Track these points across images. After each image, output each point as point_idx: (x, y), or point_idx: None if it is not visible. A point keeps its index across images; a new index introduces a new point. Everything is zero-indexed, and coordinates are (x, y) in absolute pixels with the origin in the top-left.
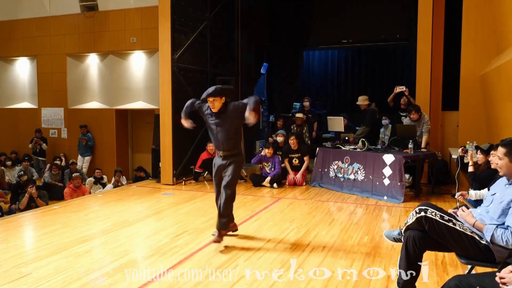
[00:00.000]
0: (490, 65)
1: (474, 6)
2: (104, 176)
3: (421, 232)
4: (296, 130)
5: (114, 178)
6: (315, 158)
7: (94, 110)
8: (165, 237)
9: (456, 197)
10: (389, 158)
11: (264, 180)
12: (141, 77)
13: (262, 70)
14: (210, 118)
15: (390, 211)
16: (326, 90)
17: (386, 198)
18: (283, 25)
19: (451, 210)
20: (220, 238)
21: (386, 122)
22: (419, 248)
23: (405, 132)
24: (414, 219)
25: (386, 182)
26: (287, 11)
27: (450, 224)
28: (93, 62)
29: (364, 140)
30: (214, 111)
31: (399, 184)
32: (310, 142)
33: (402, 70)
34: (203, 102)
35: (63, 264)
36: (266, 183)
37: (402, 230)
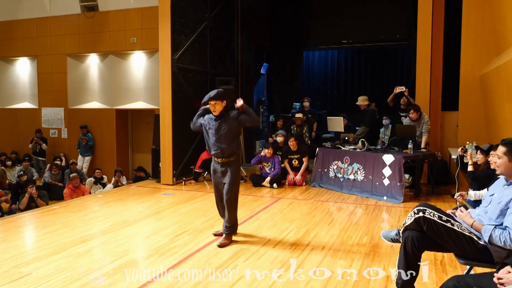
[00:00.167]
0: (489, 65)
1: (474, 7)
2: (104, 176)
3: (419, 232)
4: (296, 130)
5: (114, 178)
6: (315, 159)
7: (94, 110)
8: (165, 237)
9: (455, 197)
10: (388, 158)
11: (264, 180)
12: (141, 77)
13: (262, 70)
14: (211, 123)
15: (390, 211)
16: (326, 90)
17: (385, 198)
18: (283, 25)
19: (450, 211)
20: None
21: (387, 122)
22: (418, 248)
23: (404, 132)
24: (412, 220)
25: (386, 182)
26: (287, 11)
27: (448, 224)
28: (93, 62)
29: (364, 140)
30: (215, 114)
31: (399, 184)
32: (310, 142)
33: (402, 70)
34: (205, 105)
35: (63, 264)
36: (266, 183)
37: (401, 230)
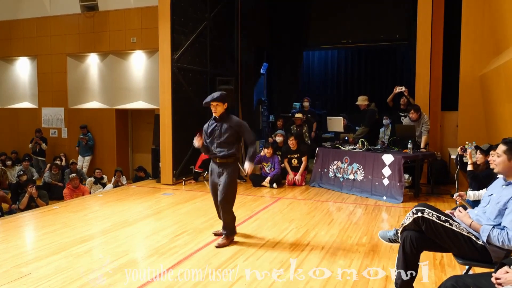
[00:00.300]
0: (489, 65)
1: (474, 7)
2: (104, 176)
3: (418, 232)
4: (296, 130)
5: (114, 178)
6: (315, 158)
7: (94, 110)
8: (164, 237)
9: (454, 197)
10: (388, 158)
11: (263, 180)
12: (141, 77)
13: (262, 70)
14: (211, 126)
15: (389, 211)
16: (326, 90)
17: (385, 198)
18: (283, 25)
19: (449, 211)
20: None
21: (387, 122)
22: (416, 248)
23: (404, 132)
24: (411, 220)
25: (386, 182)
26: (287, 11)
27: (447, 224)
28: (93, 62)
29: (363, 140)
30: (216, 115)
31: (398, 184)
32: (310, 142)
33: (402, 70)
34: (206, 106)
35: (63, 264)
36: (265, 183)
37: (399, 231)
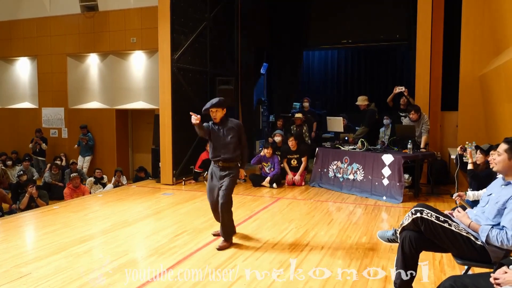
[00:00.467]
0: (489, 65)
1: (474, 7)
2: (104, 176)
3: (417, 233)
4: (295, 130)
5: (114, 178)
6: (315, 159)
7: (94, 110)
8: (164, 237)
9: (454, 197)
10: (388, 158)
11: (263, 180)
12: (141, 77)
13: (262, 70)
14: (213, 131)
15: (389, 211)
16: (326, 90)
17: (385, 198)
18: (283, 25)
19: (448, 212)
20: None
21: (388, 122)
22: (415, 248)
23: (404, 132)
24: (410, 220)
25: (385, 182)
26: (287, 11)
27: (446, 225)
28: (93, 62)
29: (363, 140)
30: (215, 121)
31: (398, 184)
32: (310, 141)
33: (402, 70)
34: (206, 112)
35: (63, 264)
36: (265, 183)
37: (398, 231)
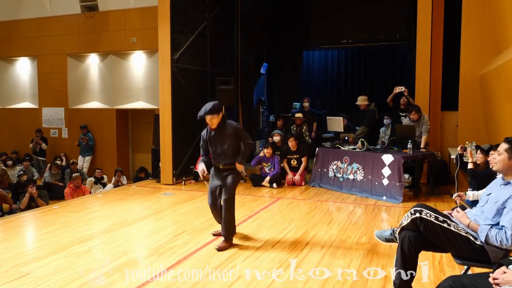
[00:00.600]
0: (489, 65)
1: (474, 7)
2: (104, 176)
3: (416, 232)
4: (296, 130)
5: (114, 178)
6: (315, 158)
7: (94, 110)
8: (164, 237)
9: (453, 197)
10: (388, 158)
11: (263, 180)
12: (141, 77)
13: (262, 70)
14: (210, 134)
15: (389, 211)
16: (326, 90)
17: (385, 198)
18: (283, 25)
19: (447, 212)
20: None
21: (388, 122)
22: (415, 248)
23: (404, 132)
24: (409, 220)
25: (385, 182)
26: (287, 11)
27: (445, 225)
28: (93, 62)
29: (363, 140)
30: (212, 128)
31: (398, 184)
32: (310, 141)
33: (402, 70)
34: (200, 119)
35: (63, 263)
36: (265, 183)
37: (397, 231)
